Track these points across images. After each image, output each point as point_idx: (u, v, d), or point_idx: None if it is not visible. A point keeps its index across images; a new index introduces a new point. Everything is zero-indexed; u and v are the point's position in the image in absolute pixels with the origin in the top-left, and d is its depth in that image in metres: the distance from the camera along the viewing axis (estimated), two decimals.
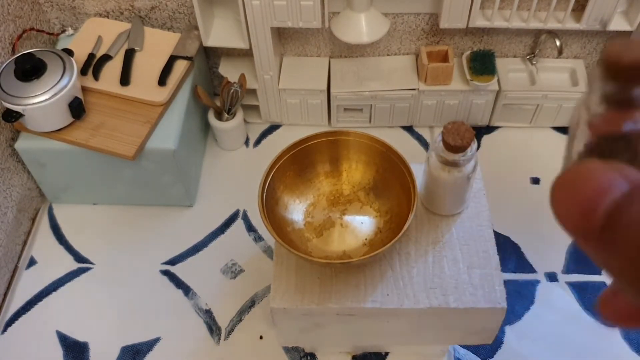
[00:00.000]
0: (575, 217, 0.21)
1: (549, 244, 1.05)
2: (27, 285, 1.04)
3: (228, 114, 1.14)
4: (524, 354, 0.95)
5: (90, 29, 1.11)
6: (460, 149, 0.66)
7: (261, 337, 0.97)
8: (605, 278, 1.00)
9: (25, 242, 1.09)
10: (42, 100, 0.92)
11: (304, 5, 1.00)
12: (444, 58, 1.12)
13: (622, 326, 0.24)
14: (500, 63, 1.15)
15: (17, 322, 1.00)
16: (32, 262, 1.07)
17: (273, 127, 1.24)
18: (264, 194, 0.70)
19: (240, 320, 0.99)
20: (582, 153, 0.24)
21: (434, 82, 1.12)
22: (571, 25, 1.05)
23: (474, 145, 0.67)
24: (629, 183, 0.21)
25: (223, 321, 0.99)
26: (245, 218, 1.11)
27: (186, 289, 1.03)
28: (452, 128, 0.66)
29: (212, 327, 0.98)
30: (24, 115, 0.93)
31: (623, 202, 0.20)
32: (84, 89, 1.01)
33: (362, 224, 0.76)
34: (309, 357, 0.93)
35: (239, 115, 1.15)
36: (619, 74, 0.22)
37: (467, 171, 0.69)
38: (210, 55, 1.20)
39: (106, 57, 1.06)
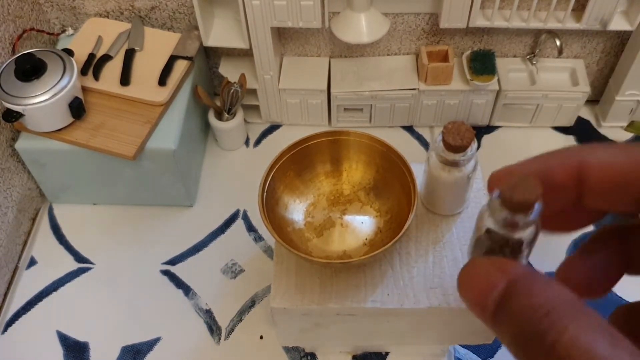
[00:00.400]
0: (473, 306, 0.28)
1: (549, 244, 1.05)
2: (27, 285, 1.04)
3: (228, 114, 1.14)
4: None
5: (90, 29, 1.11)
6: (460, 148, 0.66)
7: (261, 337, 0.97)
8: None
9: (25, 242, 1.09)
10: (43, 100, 0.92)
11: (304, 5, 1.00)
12: (444, 58, 1.12)
13: None
14: (500, 63, 1.15)
15: (17, 322, 1.00)
16: (32, 262, 1.07)
17: (273, 127, 1.24)
18: (264, 194, 0.70)
19: (241, 320, 0.99)
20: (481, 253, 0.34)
21: (434, 82, 1.12)
22: (571, 25, 1.05)
23: (474, 145, 0.67)
24: (506, 279, 0.27)
25: (223, 321, 0.99)
26: (245, 218, 1.11)
27: (186, 289, 1.03)
28: (452, 128, 0.66)
29: (212, 327, 0.98)
30: (24, 115, 0.93)
31: (503, 297, 0.27)
32: (84, 89, 1.01)
33: (362, 223, 0.76)
34: (309, 357, 0.93)
35: (239, 115, 1.15)
36: (512, 207, 0.30)
37: (467, 171, 0.69)
38: (210, 55, 1.20)
39: (106, 57, 1.06)
